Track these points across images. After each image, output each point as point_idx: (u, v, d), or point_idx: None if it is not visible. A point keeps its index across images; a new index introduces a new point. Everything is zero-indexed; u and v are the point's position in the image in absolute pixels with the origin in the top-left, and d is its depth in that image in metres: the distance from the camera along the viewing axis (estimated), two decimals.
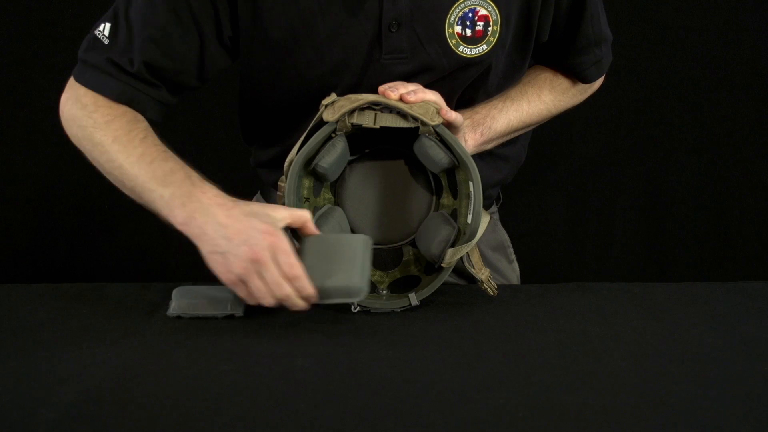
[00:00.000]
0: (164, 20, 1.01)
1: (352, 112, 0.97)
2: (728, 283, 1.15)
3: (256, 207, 0.93)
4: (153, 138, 1.00)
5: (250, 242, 0.88)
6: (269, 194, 1.27)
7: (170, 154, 0.98)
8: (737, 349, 0.90)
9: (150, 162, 0.97)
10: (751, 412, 0.74)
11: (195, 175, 0.96)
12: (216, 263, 0.91)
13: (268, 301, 0.91)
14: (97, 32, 1.03)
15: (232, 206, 0.91)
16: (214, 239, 0.90)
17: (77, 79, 1.05)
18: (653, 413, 0.74)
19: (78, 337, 0.92)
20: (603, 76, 1.23)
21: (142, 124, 1.02)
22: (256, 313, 1.00)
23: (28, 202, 1.83)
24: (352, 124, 0.97)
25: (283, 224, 0.91)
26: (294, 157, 1.00)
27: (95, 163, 1.03)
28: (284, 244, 0.89)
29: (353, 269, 0.92)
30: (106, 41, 1.02)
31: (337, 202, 1.10)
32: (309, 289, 0.90)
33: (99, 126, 1.01)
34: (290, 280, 0.89)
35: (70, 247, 1.88)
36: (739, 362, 0.86)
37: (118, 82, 1.02)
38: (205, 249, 0.92)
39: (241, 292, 0.92)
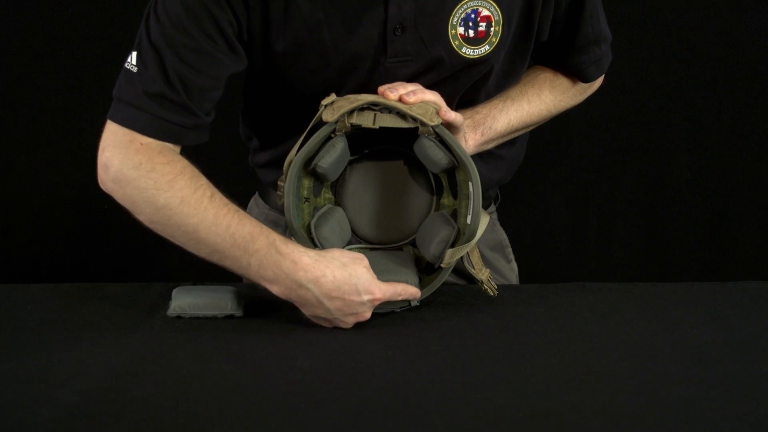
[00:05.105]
0: (196, 39, 0.96)
1: (351, 112, 0.97)
2: (728, 283, 1.15)
3: (352, 268, 0.93)
4: (219, 195, 0.96)
5: (358, 311, 0.94)
6: (267, 194, 1.27)
7: (242, 213, 0.95)
8: (737, 349, 0.90)
9: (227, 227, 0.93)
10: (751, 412, 0.74)
11: (276, 237, 0.94)
12: (318, 320, 0.96)
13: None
14: (126, 64, 0.98)
15: (331, 276, 0.91)
16: (317, 309, 0.94)
17: (115, 120, 0.98)
18: (653, 413, 0.74)
19: (78, 337, 0.92)
20: (603, 76, 1.23)
21: (203, 179, 0.96)
22: (256, 313, 1.00)
23: (28, 202, 1.83)
24: (352, 125, 0.97)
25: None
26: (293, 157, 1.00)
27: (154, 226, 0.96)
28: (383, 296, 0.95)
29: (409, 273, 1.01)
30: (134, 69, 0.97)
31: (338, 202, 1.10)
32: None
33: (161, 187, 0.94)
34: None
35: (70, 247, 1.88)
36: (739, 362, 0.86)
37: (159, 120, 0.96)
38: (308, 313, 0.96)
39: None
